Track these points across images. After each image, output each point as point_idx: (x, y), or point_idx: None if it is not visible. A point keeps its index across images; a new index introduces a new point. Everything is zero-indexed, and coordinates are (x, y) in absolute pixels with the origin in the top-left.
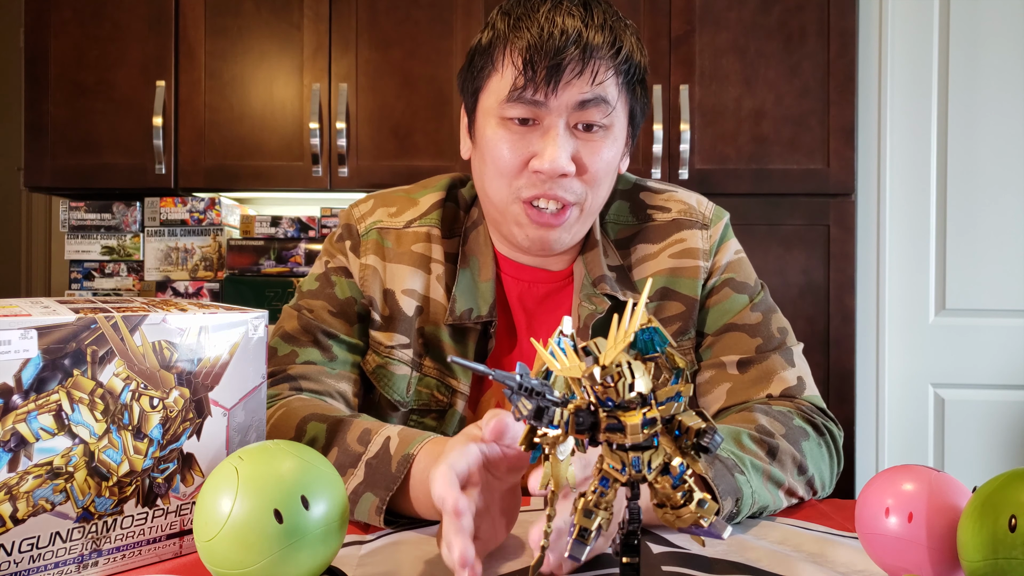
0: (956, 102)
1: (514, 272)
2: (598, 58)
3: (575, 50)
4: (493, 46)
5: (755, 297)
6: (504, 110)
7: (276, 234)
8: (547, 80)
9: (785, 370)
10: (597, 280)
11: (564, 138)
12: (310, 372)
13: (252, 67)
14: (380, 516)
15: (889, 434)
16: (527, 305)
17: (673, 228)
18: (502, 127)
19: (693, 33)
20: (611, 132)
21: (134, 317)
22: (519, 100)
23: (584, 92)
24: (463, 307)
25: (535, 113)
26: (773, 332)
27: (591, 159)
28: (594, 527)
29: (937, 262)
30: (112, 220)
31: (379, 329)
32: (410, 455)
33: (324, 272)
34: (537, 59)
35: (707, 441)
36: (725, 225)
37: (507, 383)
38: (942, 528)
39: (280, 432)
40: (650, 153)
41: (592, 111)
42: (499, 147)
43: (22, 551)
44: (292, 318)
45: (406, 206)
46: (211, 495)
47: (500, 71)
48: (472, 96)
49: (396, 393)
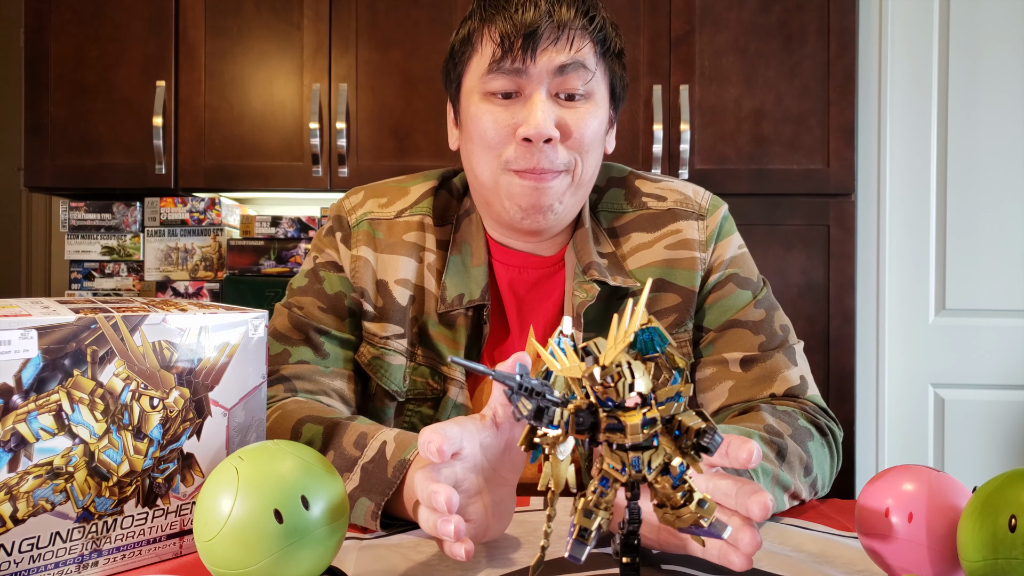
0: (956, 102)
1: (504, 258)
2: (572, 28)
3: (549, 20)
4: (471, 32)
5: (758, 294)
6: (486, 84)
7: (276, 234)
8: (524, 47)
9: (788, 369)
10: (587, 267)
11: (547, 103)
12: (304, 372)
13: (252, 67)
14: (376, 521)
15: (889, 434)
16: (518, 291)
17: (668, 218)
18: (485, 102)
19: (693, 33)
20: (593, 100)
21: (134, 317)
22: (499, 71)
23: (562, 57)
24: (454, 293)
25: (517, 84)
26: (776, 330)
27: (575, 124)
28: (594, 527)
29: (937, 262)
30: (112, 220)
31: (373, 320)
32: (406, 460)
33: (313, 268)
34: (513, 32)
35: (707, 441)
36: (723, 216)
37: (507, 383)
38: (942, 528)
39: (276, 435)
40: (650, 153)
41: (572, 77)
42: (484, 121)
43: (22, 551)
44: (282, 315)
45: (397, 196)
46: (211, 495)
47: (480, 51)
48: (455, 83)
49: (393, 383)
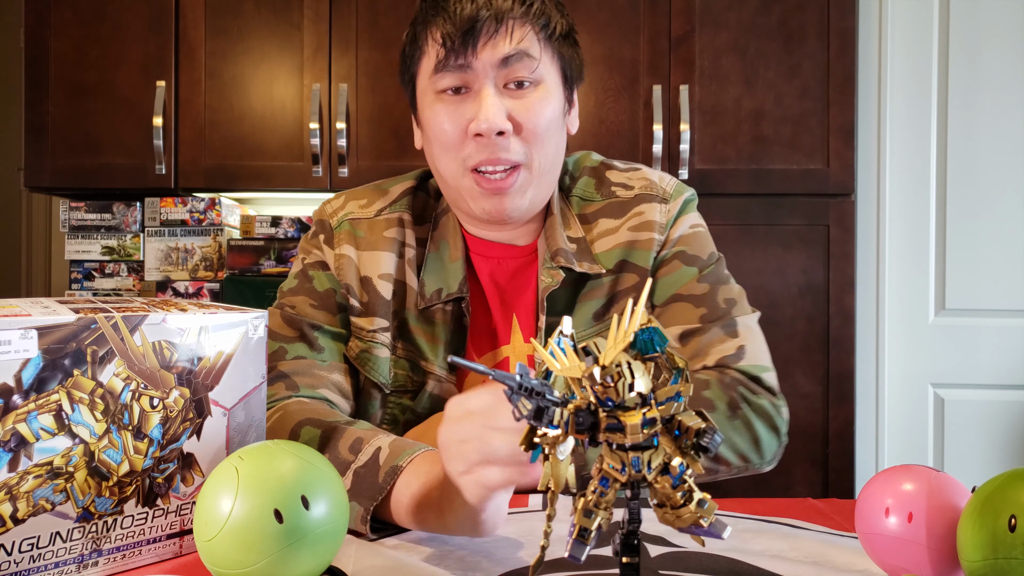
0: (956, 102)
1: (483, 250)
2: (511, 17)
3: (487, 13)
4: (417, 34)
5: (705, 269)
6: (436, 83)
7: (276, 234)
8: (464, 44)
9: (725, 342)
10: (554, 253)
11: (495, 97)
12: (301, 367)
13: (252, 67)
14: (366, 525)
15: (889, 434)
16: (498, 281)
17: (634, 203)
18: (438, 101)
19: (693, 33)
20: (542, 87)
21: (134, 317)
22: (445, 69)
23: (504, 48)
24: (432, 288)
25: (464, 79)
26: (719, 303)
27: (526, 115)
28: (594, 527)
29: (937, 262)
30: (112, 220)
31: (359, 315)
32: (398, 467)
33: (302, 269)
34: (454, 30)
35: (707, 441)
36: (685, 200)
37: (507, 383)
38: (942, 528)
39: (276, 436)
40: (650, 153)
41: (517, 67)
42: (439, 120)
43: (22, 551)
44: (275, 315)
45: (376, 196)
46: (211, 495)
47: (427, 52)
48: (410, 85)
49: (381, 376)
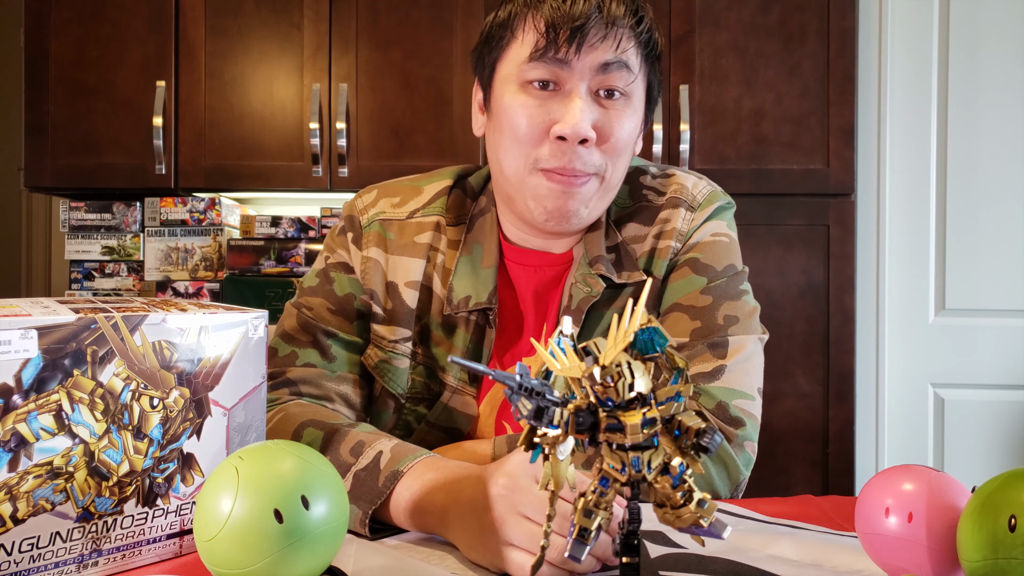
0: (956, 102)
1: (519, 258)
2: (620, 26)
3: (598, 15)
4: (513, 16)
5: (714, 281)
6: (525, 72)
7: (276, 234)
8: (570, 39)
9: (705, 361)
10: (594, 260)
11: (586, 102)
12: (310, 376)
13: (252, 67)
14: (365, 528)
15: (889, 434)
16: (536, 290)
17: (662, 209)
18: (522, 92)
19: (693, 33)
20: (631, 102)
21: (134, 317)
22: (542, 60)
23: (608, 55)
24: (461, 295)
25: (557, 76)
26: (716, 319)
27: (612, 127)
28: (594, 527)
29: (937, 262)
30: (112, 220)
31: (381, 323)
32: (399, 472)
33: (324, 268)
34: (560, 22)
35: (707, 441)
36: (718, 208)
37: (507, 383)
38: (942, 528)
39: (277, 437)
40: (650, 153)
41: (615, 75)
42: (518, 114)
43: (22, 551)
44: (292, 316)
45: (410, 195)
46: (211, 495)
47: (520, 38)
48: (489, 68)
49: (399, 387)
